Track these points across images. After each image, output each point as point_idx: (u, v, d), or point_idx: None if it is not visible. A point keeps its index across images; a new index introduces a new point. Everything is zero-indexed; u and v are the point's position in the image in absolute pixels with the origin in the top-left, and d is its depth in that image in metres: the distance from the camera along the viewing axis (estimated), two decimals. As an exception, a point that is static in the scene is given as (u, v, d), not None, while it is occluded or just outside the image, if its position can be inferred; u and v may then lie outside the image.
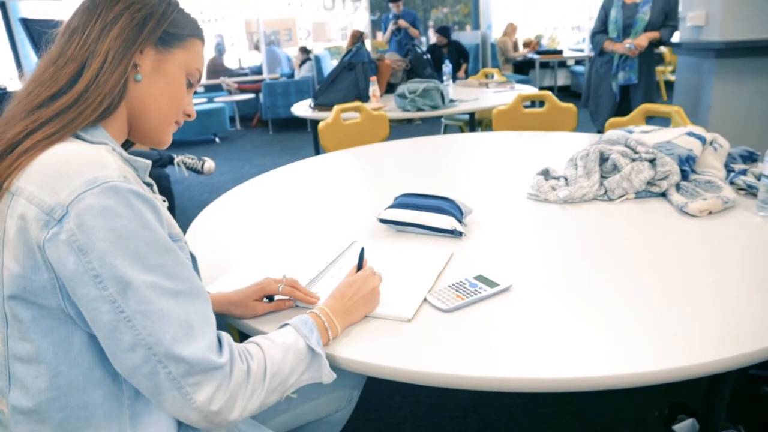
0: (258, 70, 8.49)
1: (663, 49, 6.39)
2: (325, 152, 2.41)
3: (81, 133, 0.69)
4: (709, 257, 1.04)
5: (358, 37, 4.64)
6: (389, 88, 3.86)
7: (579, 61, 8.49)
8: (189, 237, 1.32)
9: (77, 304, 0.64)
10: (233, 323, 0.93)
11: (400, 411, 1.73)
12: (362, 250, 0.97)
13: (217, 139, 6.89)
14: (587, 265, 1.04)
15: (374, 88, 3.36)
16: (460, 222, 1.21)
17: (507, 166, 1.88)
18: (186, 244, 0.75)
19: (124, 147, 0.79)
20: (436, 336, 0.82)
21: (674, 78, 3.86)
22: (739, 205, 1.27)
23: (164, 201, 0.77)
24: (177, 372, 0.63)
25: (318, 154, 2.35)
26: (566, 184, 1.44)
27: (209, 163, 2.95)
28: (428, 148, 2.25)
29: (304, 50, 7.59)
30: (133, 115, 0.77)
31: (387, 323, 0.87)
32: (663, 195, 1.36)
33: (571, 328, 0.82)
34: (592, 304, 0.88)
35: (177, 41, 0.77)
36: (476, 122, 3.79)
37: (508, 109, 2.69)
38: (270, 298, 0.94)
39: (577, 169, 1.44)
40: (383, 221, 1.26)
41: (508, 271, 1.02)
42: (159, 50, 0.76)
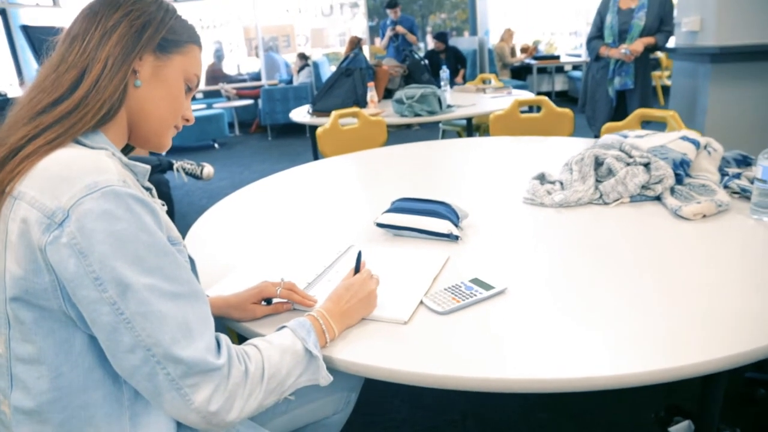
0: (256, 76, 8.51)
1: (660, 54, 6.44)
2: (323, 157, 2.42)
3: (81, 139, 0.71)
4: (703, 260, 1.05)
5: (356, 43, 4.65)
6: (387, 94, 3.87)
7: (576, 67, 8.52)
8: (188, 241, 1.33)
9: (78, 306, 0.65)
10: (232, 326, 0.94)
11: (398, 414, 1.73)
12: (359, 253, 0.98)
13: (216, 145, 6.91)
14: (582, 268, 1.05)
15: (372, 94, 3.37)
16: (456, 226, 1.22)
17: (503, 171, 1.89)
18: (185, 248, 0.76)
19: (123, 152, 0.80)
20: (433, 338, 0.83)
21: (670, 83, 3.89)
22: (732, 209, 1.29)
23: (163, 205, 0.78)
24: (175, 373, 0.64)
25: (316, 160, 2.36)
26: (562, 189, 1.45)
27: (208, 169, 2.96)
28: (425, 153, 2.26)
29: (303, 56, 7.60)
30: (132, 120, 0.78)
31: (384, 326, 0.88)
32: (658, 199, 1.37)
33: (567, 330, 0.82)
34: (587, 307, 0.89)
35: (175, 47, 0.79)
36: (473, 127, 3.81)
37: (505, 114, 2.70)
38: (268, 301, 0.95)
39: (572, 173, 1.45)
40: (380, 225, 1.28)
41: (503, 274, 1.03)
42: (158, 56, 0.77)
